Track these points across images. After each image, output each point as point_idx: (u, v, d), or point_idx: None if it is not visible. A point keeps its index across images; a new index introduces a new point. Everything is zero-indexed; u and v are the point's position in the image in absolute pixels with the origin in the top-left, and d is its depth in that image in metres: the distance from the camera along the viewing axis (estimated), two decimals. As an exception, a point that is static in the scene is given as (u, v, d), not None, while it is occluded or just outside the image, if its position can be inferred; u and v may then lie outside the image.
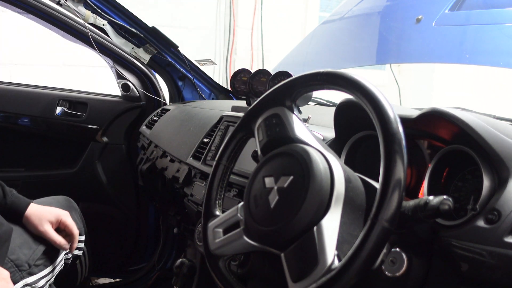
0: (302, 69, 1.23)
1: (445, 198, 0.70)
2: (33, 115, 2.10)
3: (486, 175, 0.82)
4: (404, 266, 0.79)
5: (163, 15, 4.00)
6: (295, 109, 0.92)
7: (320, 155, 0.83)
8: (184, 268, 1.39)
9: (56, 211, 1.34)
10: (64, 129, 2.15)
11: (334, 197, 0.77)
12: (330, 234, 0.75)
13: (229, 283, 0.92)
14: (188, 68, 2.16)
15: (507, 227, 0.74)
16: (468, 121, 0.85)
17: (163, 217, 2.25)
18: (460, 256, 0.78)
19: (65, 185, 2.15)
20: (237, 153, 1.00)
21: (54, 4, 1.89)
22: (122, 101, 2.21)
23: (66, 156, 2.21)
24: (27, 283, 1.24)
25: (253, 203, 0.87)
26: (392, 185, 0.69)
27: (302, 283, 0.75)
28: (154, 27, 2.06)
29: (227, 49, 4.57)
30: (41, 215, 1.31)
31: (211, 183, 1.00)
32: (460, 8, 1.94)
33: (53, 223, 1.32)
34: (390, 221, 0.69)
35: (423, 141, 1.00)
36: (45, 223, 1.30)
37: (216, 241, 0.94)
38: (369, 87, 0.78)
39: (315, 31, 2.54)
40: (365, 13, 2.35)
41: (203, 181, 1.42)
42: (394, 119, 0.73)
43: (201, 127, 1.62)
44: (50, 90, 2.17)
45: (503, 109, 1.60)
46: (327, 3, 5.18)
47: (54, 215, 1.33)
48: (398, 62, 4.02)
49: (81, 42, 2.02)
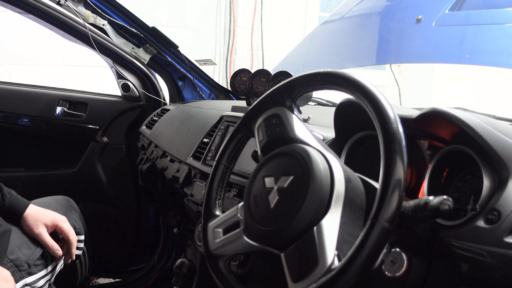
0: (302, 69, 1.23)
1: (445, 198, 0.70)
2: (33, 115, 2.10)
3: (486, 175, 0.82)
4: (404, 266, 0.79)
5: (163, 15, 4.01)
6: (295, 109, 0.92)
7: (320, 155, 0.83)
8: (184, 268, 1.39)
9: (53, 215, 1.33)
10: (64, 129, 2.15)
11: (334, 197, 0.77)
12: (330, 234, 0.75)
13: (229, 283, 0.92)
14: (188, 68, 2.16)
15: (507, 227, 0.74)
16: (468, 121, 0.85)
17: (163, 217, 2.25)
18: (460, 256, 0.78)
19: (65, 185, 2.15)
20: (237, 153, 1.00)
21: (54, 4, 1.89)
22: (122, 101, 2.21)
23: (66, 156, 2.21)
24: (26, 283, 1.24)
25: (253, 203, 0.87)
26: (392, 185, 0.69)
27: (302, 283, 0.75)
28: (154, 27, 2.05)
29: (227, 49, 4.57)
30: (37, 217, 1.30)
31: (211, 183, 1.00)
32: (460, 8, 1.94)
33: (48, 226, 1.31)
34: (390, 221, 0.69)
35: (423, 141, 1.00)
36: (40, 225, 1.29)
37: (216, 241, 0.94)
38: (369, 87, 0.78)
39: (315, 31, 2.54)
40: (365, 13, 2.35)
41: (203, 181, 1.42)
42: (394, 119, 0.73)
43: (201, 127, 1.62)
44: (50, 90, 2.17)
45: (503, 109, 1.60)
46: (327, 3, 5.18)
47: (51, 218, 1.31)
48: (398, 62, 4.02)
49: (81, 42, 2.02)
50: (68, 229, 1.34)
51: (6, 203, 1.29)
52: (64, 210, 1.44)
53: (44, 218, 1.30)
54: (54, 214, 1.33)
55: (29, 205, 1.32)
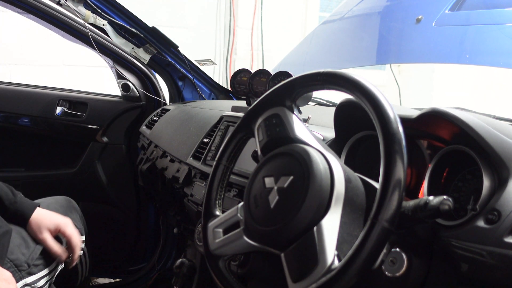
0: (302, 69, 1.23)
1: (445, 198, 0.70)
2: (33, 115, 2.10)
3: (486, 175, 0.82)
4: (404, 266, 0.79)
5: (163, 15, 4.00)
6: (295, 109, 0.92)
7: (320, 155, 0.83)
8: (184, 268, 1.39)
9: (56, 219, 1.32)
10: (64, 129, 2.15)
11: (334, 197, 0.77)
12: (330, 234, 0.75)
13: (229, 283, 0.92)
14: (188, 68, 2.16)
15: (507, 227, 0.74)
16: (468, 121, 0.85)
17: (163, 217, 2.25)
18: (460, 256, 0.78)
19: (65, 185, 2.15)
20: (237, 153, 1.00)
21: (54, 4, 1.89)
22: (122, 101, 2.21)
23: (66, 156, 2.21)
24: (26, 283, 1.24)
25: (253, 203, 0.87)
26: (392, 185, 0.69)
27: (302, 283, 0.75)
28: (154, 27, 2.05)
29: (227, 49, 4.57)
30: (41, 222, 1.29)
31: (211, 183, 1.00)
32: (460, 8, 1.94)
33: (52, 231, 1.30)
34: (390, 221, 0.69)
35: (423, 141, 1.00)
36: (44, 230, 1.29)
37: (216, 241, 0.94)
38: (369, 87, 0.78)
39: (315, 31, 2.54)
40: (365, 13, 2.35)
41: (203, 181, 1.42)
42: (394, 119, 0.73)
43: (201, 127, 1.62)
44: (50, 90, 2.17)
45: (503, 109, 1.60)
46: (327, 3, 5.18)
47: (54, 223, 1.30)
48: (398, 62, 4.02)
49: (81, 42, 2.02)
50: (71, 233, 1.33)
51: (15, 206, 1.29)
52: (65, 210, 1.44)
53: (47, 223, 1.29)
54: (57, 218, 1.32)
55: (36, 208, 1.31)
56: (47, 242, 1.29)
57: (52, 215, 1.33)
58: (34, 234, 1.29)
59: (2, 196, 1.29)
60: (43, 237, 1.29)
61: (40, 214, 1.31)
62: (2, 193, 1.29)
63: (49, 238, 1.29)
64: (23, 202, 1.32)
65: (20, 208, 1.30)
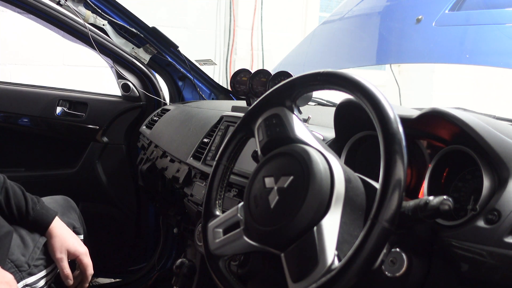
0: (302, 69, 1.23)
1: (445, 198, 0.70)
2: (33, 115, 2.10)
3: (486, 175, 0.82)
4: (404, 266, 0.79)
5: (163, 15, 4.00)
6: (295, 109, 0.92)
7: (320, 155, 0.83)
8: (184, 268, 1.39)
9: (77, 246, 1.33)
10: (64, 129, 2.15)
11: (334, 197, 0.77)
12: (330, 234, 0.75)
13: (229, 283, 0.92)
14: (188, 68, 2.16)
15: (507, 227, 0.74)
16: (468, 121, 0.85)
17: (163, 217, 2.25)
18: (460, 256, 0.78)
19: (65, 185, 2.15)
20: (237, 153, 1.00)
21: (54, 4, 1.89)
22: (122, 101, 2.21)
23: (66, 156, 2.21)
24: (27, 283, 1.24)
25: (253, 203, 0.87)
26: (392, 185, 0.69)
27: (302, 283, 0.75)
28: (154, 27, 2.05)
29: (227, 49, 4.57)
30: (64, 242, 1.31)
31: (211, 183, 1.00)
32: (460, 8, 1.94)
33: (70, 254, 1.32)
34: (390, 221, 0.69)
35: (423, 141, 1.00)
36: (64, 251, 1.30)
37: (216, 241, 0.94)
38: (369, 87, 0.78)
39: (315, 31, 2.54)
40: (365, 13, 2.35)
41: (203, 181, 1.42)
42: (394, 119, 0.73)
43: (201, 127, 1.62)
44: (50, 90, 2.17)
45: (503, 109, 1.60)
46: (327, 3, 5.18)
47: (74, 249, 1.32)
48: (398, 62, 4.02)
49: (81, 42, 2.02)
50: (87, 264, 1.35)
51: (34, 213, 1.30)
52: (63, 210, 1.44)
53: (70, 246, 1.31)
54: (78, 245, 1.34)
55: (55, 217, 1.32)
56: (62, 263, 1.30)
57: (75, 239, 1.34)
58: (52, 251, 1.30)
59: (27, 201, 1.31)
60: (60, 257, 1.30)
61: (64, 233, 1.32)
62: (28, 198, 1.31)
63: (65, 259, 1.31)
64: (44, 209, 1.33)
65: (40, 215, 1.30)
